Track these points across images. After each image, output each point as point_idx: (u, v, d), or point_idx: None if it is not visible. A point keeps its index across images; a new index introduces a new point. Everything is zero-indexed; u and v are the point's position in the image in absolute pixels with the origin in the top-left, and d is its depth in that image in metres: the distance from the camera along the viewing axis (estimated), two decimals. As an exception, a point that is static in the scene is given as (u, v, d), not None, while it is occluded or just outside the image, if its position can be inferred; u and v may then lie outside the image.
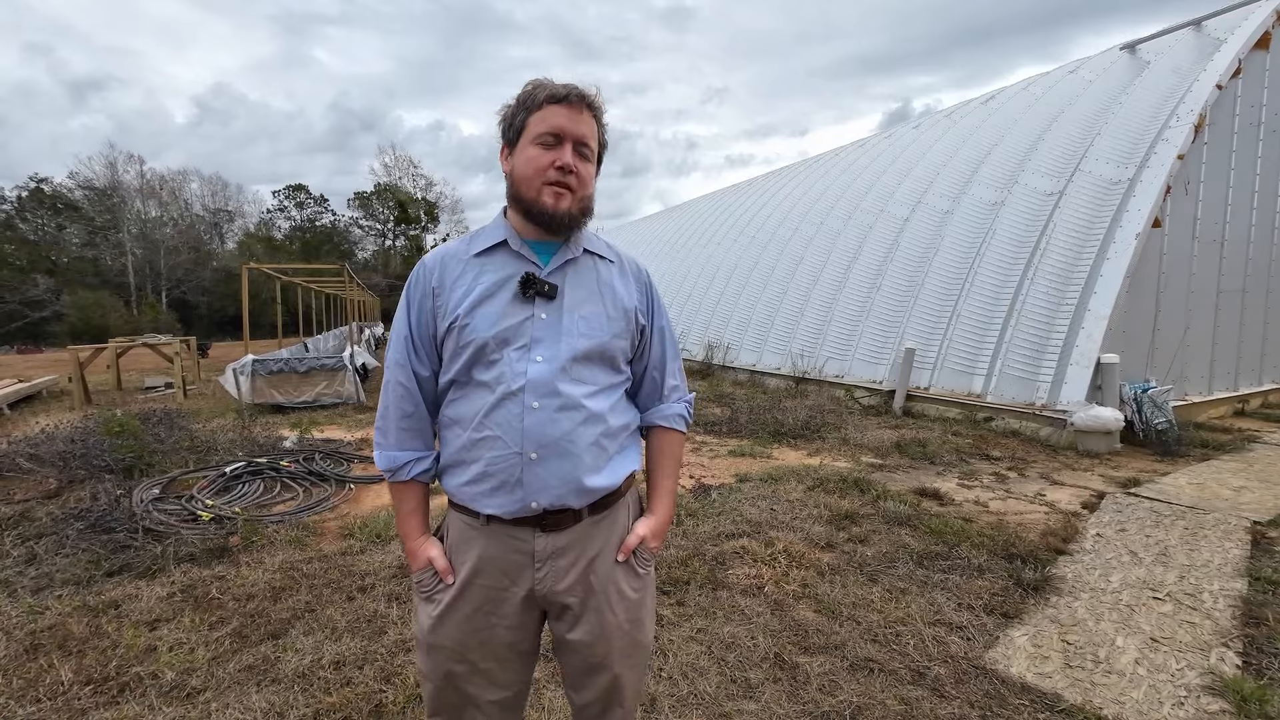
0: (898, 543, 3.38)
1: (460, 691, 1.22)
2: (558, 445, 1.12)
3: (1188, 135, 6.32)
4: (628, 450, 1.26)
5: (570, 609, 1.20)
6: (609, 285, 1.22)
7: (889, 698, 2.11)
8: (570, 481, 1.13)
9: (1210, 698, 2.08)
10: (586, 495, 1.16)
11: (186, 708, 2.12)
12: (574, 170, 1.13)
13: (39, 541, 3.41)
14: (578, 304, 1.18)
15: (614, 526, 1.23)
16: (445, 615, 1.19)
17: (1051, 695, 2.11)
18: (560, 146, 1.12)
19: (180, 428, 5.57)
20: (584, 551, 1.19)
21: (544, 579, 1.17)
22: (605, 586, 1.21)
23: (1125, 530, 3.59)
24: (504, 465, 1.12)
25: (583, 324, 1.17)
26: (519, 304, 1.14)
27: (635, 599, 1.25)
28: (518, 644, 1.22)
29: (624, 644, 1.23)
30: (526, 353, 1.12)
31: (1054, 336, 6.26)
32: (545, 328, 1.14)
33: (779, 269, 11.04)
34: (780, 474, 4.72)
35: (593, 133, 1.16)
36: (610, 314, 1.20)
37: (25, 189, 38.03)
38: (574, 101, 1.13)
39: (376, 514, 3.92)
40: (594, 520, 1.20)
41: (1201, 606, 2.69)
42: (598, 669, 1.23)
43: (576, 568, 1.18)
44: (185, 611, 2.75)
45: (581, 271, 1.20)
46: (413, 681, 2.20)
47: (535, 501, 1.12)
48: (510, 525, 1.16)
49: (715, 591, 2.87)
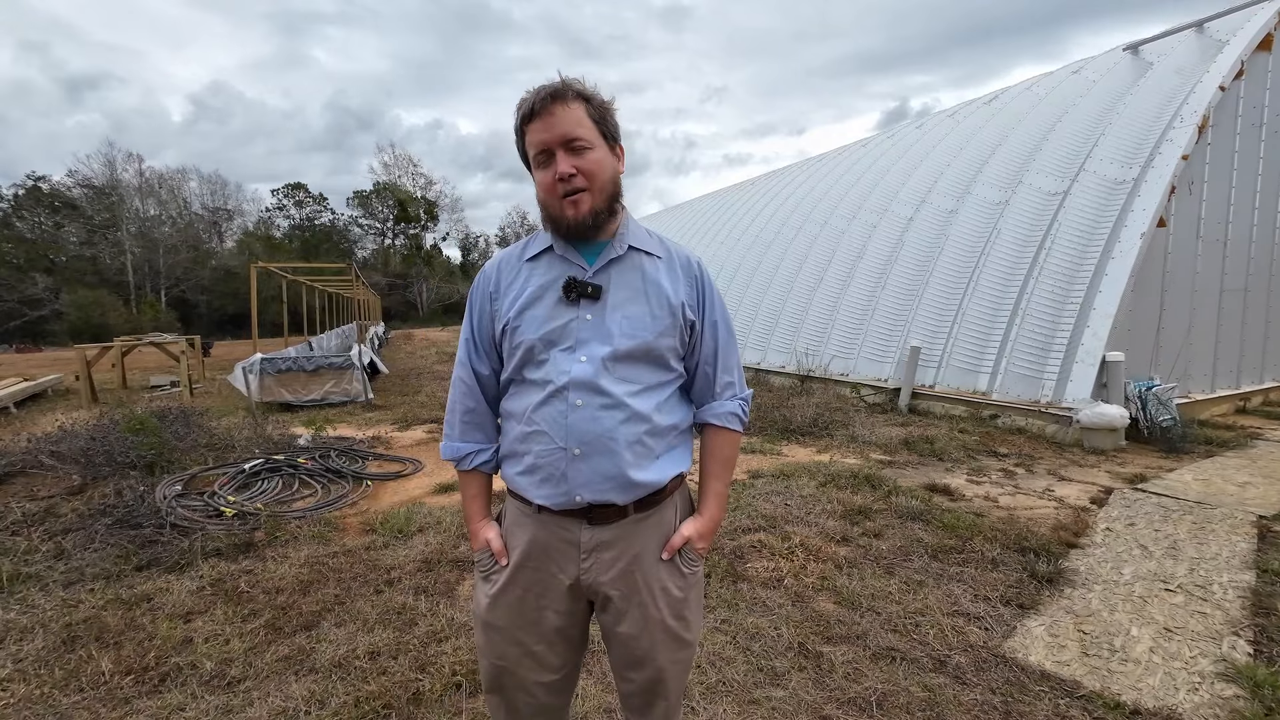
0: (912, 537, 3.44)
1: (512, 672, 1.27)
2: (599, 442, 1.15)
3: (1191, 136, 6.38)
4: (677, 450, 1.26)
5: (614, 601, 1.23)
6: (654, 282, 1.21)
7: (912, 685, 2.17)
8: (612, 478, 1.16)
9: (1224, 684, 2.14)
10: (629, 492, 1.18)
11: (229, 696, 2.17)
12: (576, 171, 1.12)
13: (66, 537, 3.46)
14: (621, 303, 1.18)
15: (660, 525, 1.25)
16: (499, 596, 1.25)
17: (1070, 682, 2.18)
18: (553, 160, 1.12)
19: (197, 425, 5.62)
20: (629, 547, 1.21)
21: (589, 570, 1.21)
22: (649, 583, 1.23)
23: (1134, 525, 3.66)
24: (550, 459, 1.17)
25: (626, 324, 1.17)
26: (564, 306, 1.18)
27: (680, 597, 1.26)
28: (565, 629, 1.26)
29: (667, 640, 1.25)
30: (572, 353, 1.16)
31: (1059, 335, 6.33)
32: (590, 328, 1.17)
33: (783, 268, 11.09)
34: (791, 470, 4.78)
35: (579, 120, 1.12)
36: (655, 312, 1.19)
37: (22, 187, 37.94)
38: (542, 109, 1.11)
39: (396, 510, 3.97)
40: (640, 517, 1.22)
41: (1212, 597, 2.75)
42: (641, 662, 1.26)
43: (621, 562, 1.21)
44: (217, 604, 2.80)
45: (626, 270, 1.21)
46: (448, 670, 2.25)
47: (579, 495, 1.17)
48: (558, 515, 1.20)
49: (736, 584, 2.93)
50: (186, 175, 45.72)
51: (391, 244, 53.34)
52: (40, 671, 2.31)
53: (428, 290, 51.34)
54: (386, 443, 6.15)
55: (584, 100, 1.13)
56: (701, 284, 1.27)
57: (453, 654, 2.36)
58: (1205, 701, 2.05)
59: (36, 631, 2.56)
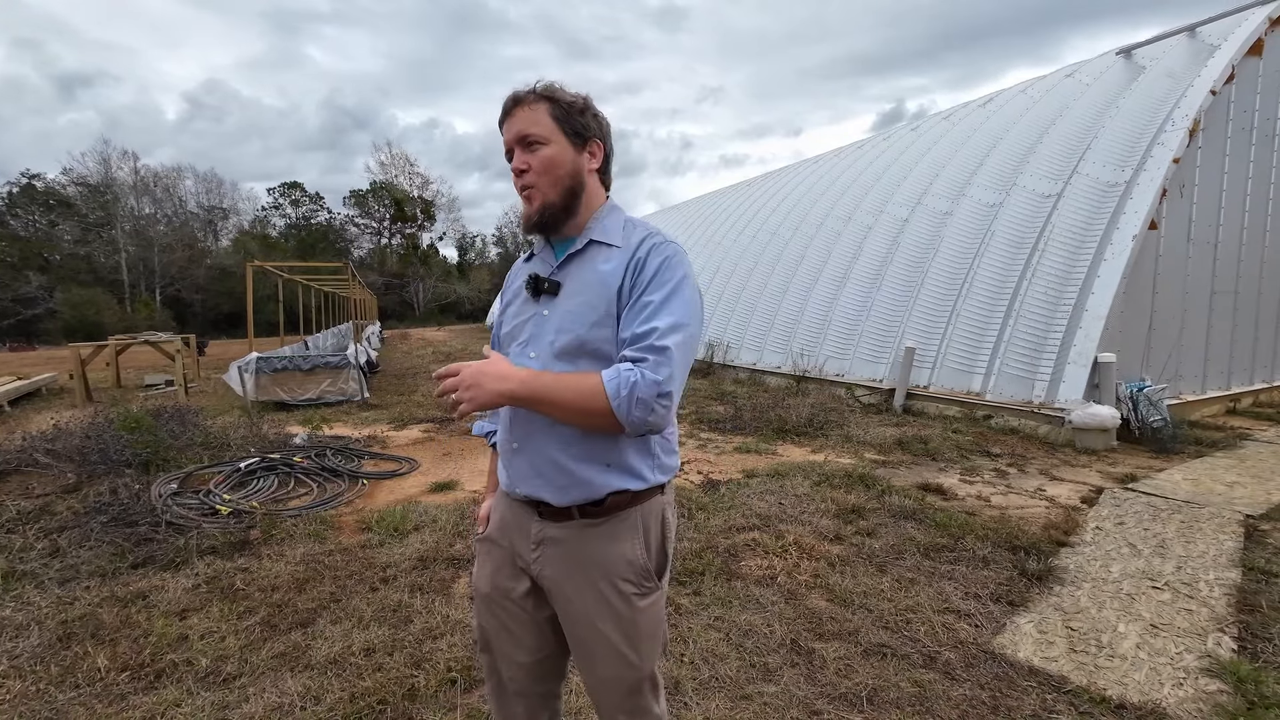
0: (904, 535, 3.47)
1: (493, 641, 1.33)
2: (532, 439, 1.19)
3: (1183, 139, 6.45)
4: (632, 464, 1.18)
5: (558, 599, 1.23)
6: (600, 273, 1.16)
7: (903, 680, 2.20)
8: (545, 476, 1.18)
9: (1208, 679, 2.18)
10: (564, 493, 1.17)
11: (224, 692, 2.18)
12: (527, 167, 1.16)
13: (61, 534, 3.46)
14: (568, 298, 1.18)
15: (611, 541, 1.19)
16: (481, 565, 1.35)
17: (1058, 678, 2.21)
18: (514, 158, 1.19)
19: (192, 424, 5.61)
20: (574, 552, 1.20)
21: (537, 560, 1.24)
22: (593, 595, 1.19)
23: (1124, 524, 3.70)
24: (503, 449, 1.28)
25: (565, 318, 1.16)
26: (529, 303, 1.24)
27: (626, 617, 1.19)
28: (533, 614, 1.28)
29: (610, 656, 1.20)
30: (524, 349, 1.21)
31: (1052, 336, 6.38)
32: (539, 324, 1.20)
33: (779, 269, 11.13)
34: (786, 470, 4.81)
35: (535, 119, 1.16)
36: (593, 303, 1.14)
37: (16, 185, 37.72)
38: (506, 113, 1.19)
39: (392, 508, 3.98)
40: (588, 524, 1.18)
41: (1198, 595, 2.79)
42: (586, 668, 1.25)
43: (567, 563, 1.20)
44: (213, 602, 2.81)
45: (583, 264, 1.19)
46: (443, 667, 2.27)
47: (518, 488, 1.23)
48: (517, 502, 1.27)
49: (730, 582, 2.95)
50: (182, 173, 45.50)
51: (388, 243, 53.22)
52: (36, 668, 2.31)
53: (424, 290, 51.25)
54: (382, 442, 6.15)
55: (547, 100, 1.16)
56: (642, 264, 1.13)
57: (448, 650, 2.37)
58: (1189, 696, 2.09)
59: (32, 629, 2.57)
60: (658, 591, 1.24)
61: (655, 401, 1.03)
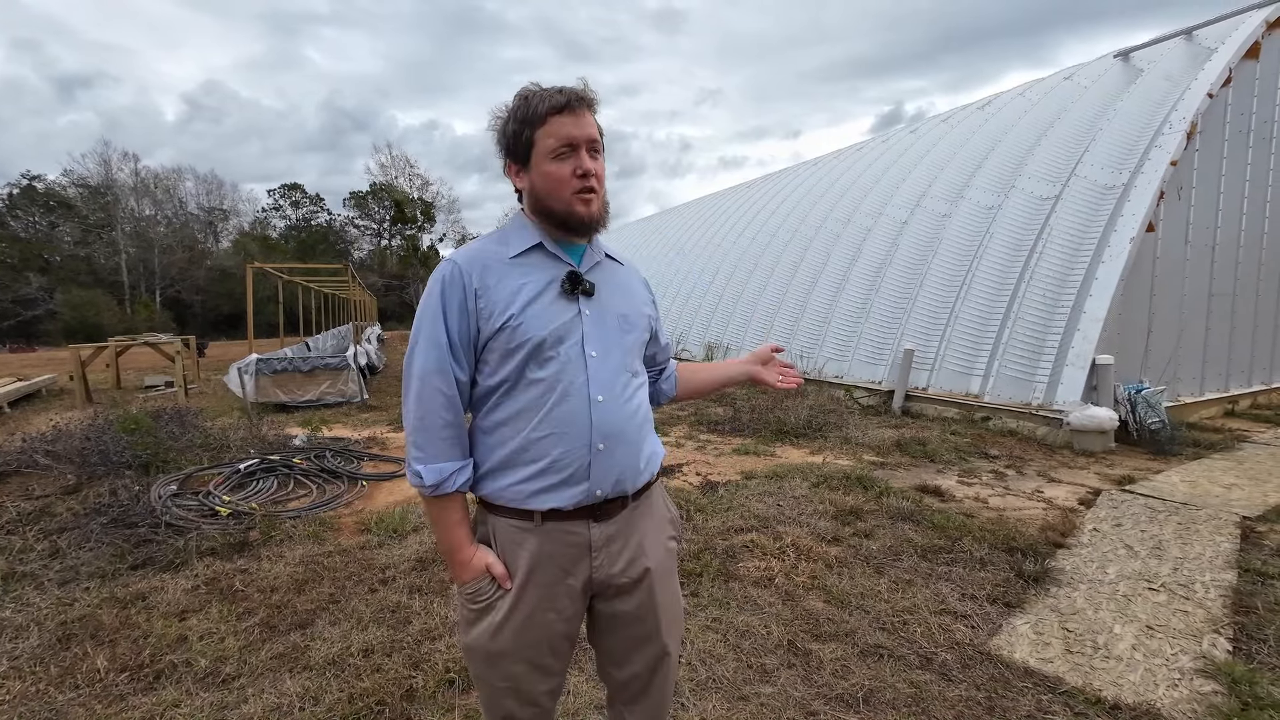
0: (902, 537, 3.48)
1: (519, 691, 1.25)
2: (622, 435, 1.21)
3: (1180, 142, 6.46)
4: (654, 437, 1.37)
5: (624, 588, 1.27)
6: (629, 287, 1.35)
7: (899, 681, 2.21)
8: (630, 468, 1.24)
9: (1203, 680, 2.19)
10: (638, 480, 1.26)
11: (223, 693, 2.19)
12: (593, 171, 1.18)
13: (61, 536, 3.46)
14: (614, 303, 1.27)
15: (652, 509, 1.34)
16: (506, 621, 1.20)
17: (1053, 678, 2.22)
18: (577, 154, 1.16)
19: (192, 426, 5.62)
20: (632, 535, 1.28)
21: (600, 565, 1.23)
22: (654, 564, 1.30)
23: (1121, 525, 3.71)
24: (573, 458, 1.16)
25: (624, 321, 1.27)
26: (564, 302, 1.19)
27: (672, 570, 1.39)
28: (570, 633, 1.27)
29: (669, 617, 1.34)
30: (582, 349, 1.18)
31: (1050, 338, 6.39)
32: (593, 324, 1.22)
33: (779, 271, 11.15)
34: (784, 471, 4.82)
35: (596, 130, 1.20)
36: (642, 312, 1.34)
37: (16, 186, 37.75)
38: (575, 107, 1.16)
39: (391, 510, 3.99)
40: (636, 505, 1.29)
41: (1194, 596, 2.80)
42: (648, 640, 1.32)
43: (628, 551, 1.26)
44: (212, 603, 2.82)
45: (606, 273, 1.30)
46: (441, 667, 2.28)
47: (599, 490, 1.19)
48: (566, 520, 1.19)
49: (728, 583, 2.96)
50: (182, 175, 45.56)
51: (388, 245, 53.24)
52: (36, 669, 2.32)
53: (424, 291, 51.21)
54: (382, 443, 6.16)
55: (593, 109, 1.21)
56: (652, 293, 1.48)
57: (446, 651, 2.38)
58: (1184, 697, 2.09)
59: (32, 629, 2.58)
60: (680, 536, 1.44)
61: None
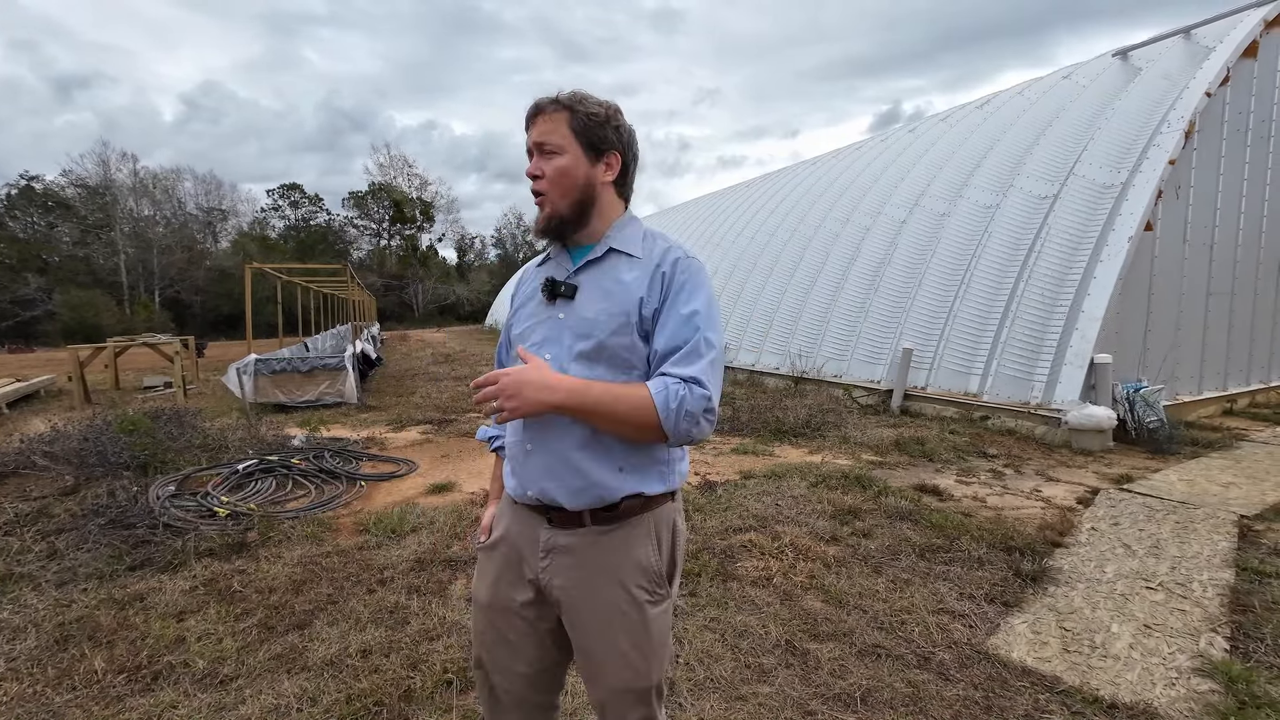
0: (900, 536, 3.48)
1: (490, 652, 1.31)
2: (548, 440, 1.18)
3: (1178, 141, 6.47)
4: (646, 468, 1.19)
5: (566, 609, 1.21)
6: (621, 282, 1.19)
7: (897, 681, 2.21)
8: (558, 478, 1.17)
9: (1200, 679, 2.19)
10: (578, 496, 1.17)
11: (221, 694, 2.19)
12: (540, 174, 1.18)
13: (59, 537, 3.46)
14: (587, 303, 1.20)
15: (625, 547, 1.19)
16: (481, 574, 1.34)
17: (1051, 678, 2.22)
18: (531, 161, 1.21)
19: (191, 426, 5.62)
20: (586, 559, 1.19)
21: (545, 570, 1.21)
22: (604, 603, 1.18)
23: (1119, 524, 3.72)
24: (514, 452, 1.27)
25: (583, 323, 1.18)
26: (544, 306, 1.25)
27: (638, 624, 1.19)
28: (535, 624, 1.26)
29: (619, 667, 1.18)
30: (538, 350, 1.21)
31: (1049, 337, 6.40)
32: (555, 326, 1.21)
33: (777, 270, 11.15)
34: (783, 471, 4.82)
35: (552, 128, 1.18)
36: (613, 310, 1.17)
37: (15, 187, 37.69)
38: (530, 117, 1.20)
39: (390, 510, 3.99)
40: (600, 530, 1.19)
41: (1192, 595, 2.81)
42: (593, 679, 1.24)
43: (578, 572, 1.19)
44: (210, 604, 2.82)
45: (602, 271, 1.22)
46: (440, 668, 2.28)
47: (529, 490, 1.21)
48: (524, 510, 1.26)
49: (726, 583, 2.96)
50: (181, 175, 45.42)
51: (387, 245, 53.20)
52: (33, 670, 2.32)
53: (423, 292, 51.23)
54: (381, 444, 6.16)
55: (568, 110, 1.18)
56: (668, 279, 1.17)
57: (444, 652, 2.38)
58: (1181, 696, 2.10)
59: (29, 631, 2.58)
60: (669, 600, 1.25)
61: (702, 415, 1.09)
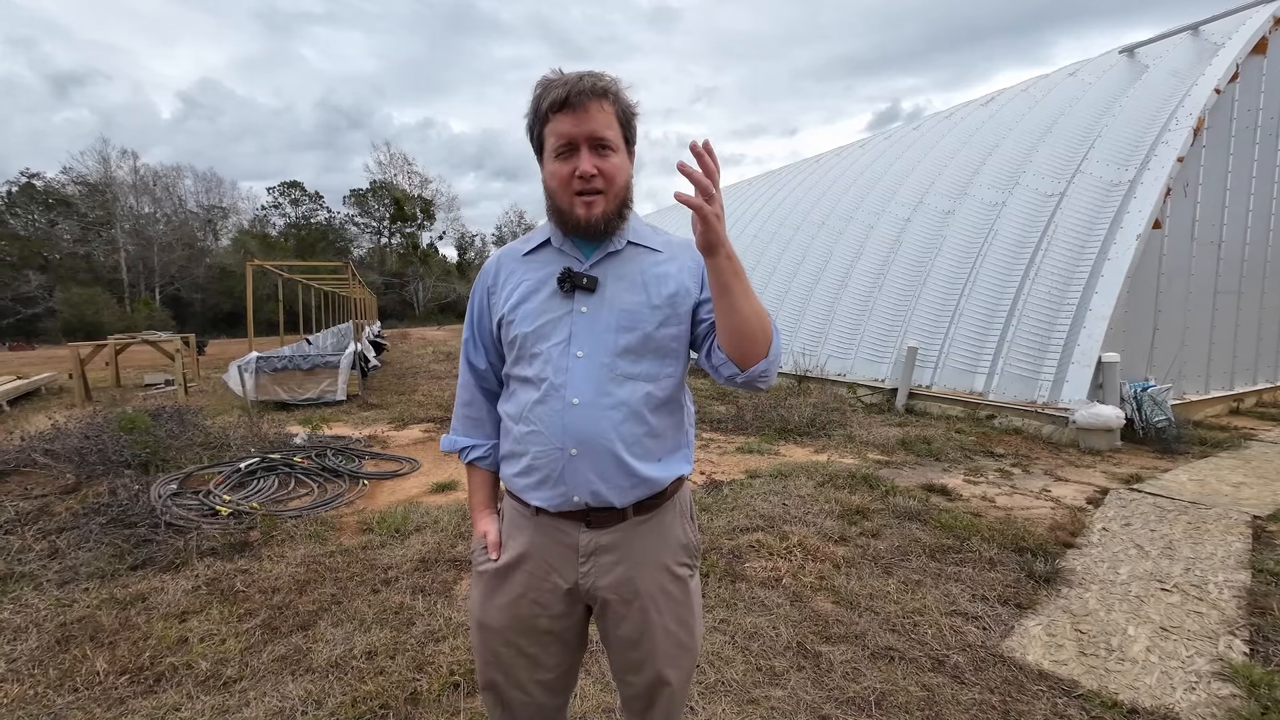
0: (909, 537, 3.44)
1: (506, 671, 1.25)
2: (597, 442, 1.12)
3: (1187, 138, 6.42)
4: (677, 452, 1.23)
5: (612, 606, 1.20)
6: (654, 274, 1.17)
7: (911, 684, 2.17)
8: (609, 479, 1.14)
9: (1220, 683, 2.15)
10: (627, 494, 1.16)
11: (224, 696, 2.15)
12: (597, 173, 1.08)
13: (60, 536, 3.43)
14: (619, 295, 1.15)
15: (661, 528, 1.22)
16: (491, 596, 1.24)
17: (1068, 681, 2.18)
18: (576, 154, 1.08)
19: (192, 424, 5.58)
20: (629, 552, 1.19)
21: (588, 574, 1.19)
22: (650, 587, 1.20)
23: (1130, 525, 3.68)
24: (547, 460, 1.14)
25: (624, 316, 1.13)
26: (559, 299, 1.15)
27: (681, 600, 1.24)
28: (562, 634, 1.24)
29: (668, 645, 1.22)
30: (567, 348, 1.13)
31: (1055, 336, 6.35)
32: (585, 321, 1.14)
33: (780, 269, 11.11)
34: (789, 470, 4.78)
35: (608, 122, 1.08)
36: (655, 302, 1.15)
37: (15, 184, 37.66)
38: (576, 102, 1.06)
39: (394, 509, 3.95)
40: (639, 520, 1.19)
41: (1208, 597, 2.77)
42: (640, 666, 1.23)
43: (621, 566, 1.18)
44: (212, 604, 2.78)
45: (624, 263, 1.17)
46: (446, 670, 2.25)
47: (576, 496, 1.14)
48: (557, 518, 1.18)
49: (734, 584, 2.93)
50: (181, 173, 45.43)
51: (388, 243, 53.20)
52: (34, 671, 2.29)
53: (424, 289, 51.23)
54: (383, 442, 6.13)
55: (616, 102, 1.11)
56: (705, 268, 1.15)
57: (450, 654, 2.35)
58: (1202, 701, 2.06)
59: (30, 631, 2.54)
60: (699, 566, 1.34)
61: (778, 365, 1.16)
